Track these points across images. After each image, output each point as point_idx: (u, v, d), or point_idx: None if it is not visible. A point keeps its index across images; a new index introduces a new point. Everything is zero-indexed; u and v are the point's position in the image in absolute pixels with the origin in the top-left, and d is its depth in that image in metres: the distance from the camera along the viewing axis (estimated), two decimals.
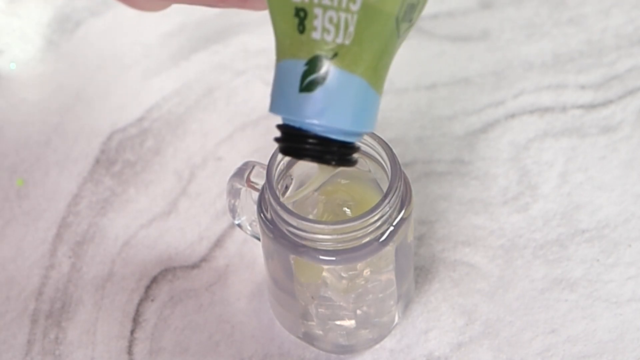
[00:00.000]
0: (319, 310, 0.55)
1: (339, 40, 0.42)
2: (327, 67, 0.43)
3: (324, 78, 0.43)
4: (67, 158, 0.65)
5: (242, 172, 0.55)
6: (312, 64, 0.43)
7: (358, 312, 0.55)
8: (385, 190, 0.51)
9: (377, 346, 0.57)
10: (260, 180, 0.54)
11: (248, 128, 0.66)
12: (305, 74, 0.43)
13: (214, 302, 0.59)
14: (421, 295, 0.59)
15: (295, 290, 0.54)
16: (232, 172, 0.56)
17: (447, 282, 0.59)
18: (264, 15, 0.72)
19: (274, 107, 0.44)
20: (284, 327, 0.58)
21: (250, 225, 0.57)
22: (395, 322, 0.57)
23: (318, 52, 0.43)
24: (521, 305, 0.58)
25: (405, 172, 0.53)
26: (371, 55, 0.43)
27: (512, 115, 0.66)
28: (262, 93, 0.68)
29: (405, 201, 0.53)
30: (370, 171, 0.54)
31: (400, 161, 0.52)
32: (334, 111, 0.43)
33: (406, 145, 0.65)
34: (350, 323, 0.55)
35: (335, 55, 0.43)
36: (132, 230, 0.62)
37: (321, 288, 0.54)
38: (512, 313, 0.58)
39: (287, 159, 0.53)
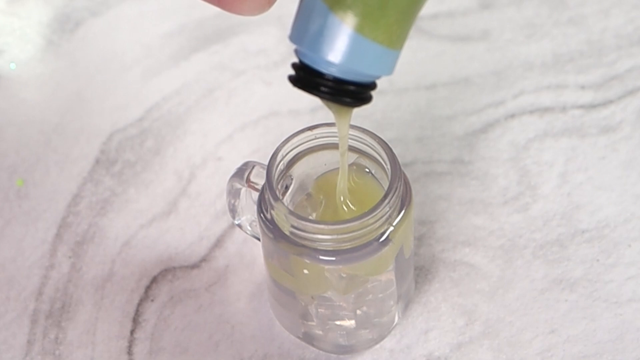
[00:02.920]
0: (319, 310, 0.55)
1: None
2: None
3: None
4: (67, 158, 0.65)
5: (242, 172, 0.55)
6: None
7: (358, 312, 0.55)
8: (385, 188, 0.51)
9: (377, 346, 0.57)
10: (260, 180, 0.54)
11: (248, 128, 0.66)
12: None
13: (214, 302, 0.59)
14: (421, 295, 0.59)
15: (295, 291, 0.54)
16: (232, 172, 0.56)
17: (447, 282, 0.59)
18: (264, 15, 0.72)
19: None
20: (284, 327, 0.58)
21: (250, 225, 0.57)
22: (395, 322, 0.57)
23: None
24: (521, 305, 0.58)
25: (405, 172, 0.53)
26: None
27: (512, 116, 0.66)
28: (262, 93, 0.68)
29: (405, 201, 0.53)
30: (369, 171, 0.54)
31: (400, 161, 0.52)
32: (296, 28, 0.44)
33: (406, 145, 0.65)
34: (350, 323, 0.55)
35: None
36: (132, 230, 0.62)
37: None
38: (512, 313, 0.58)
39: (287, 159, 0.53)
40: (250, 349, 0.58)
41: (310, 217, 0.53)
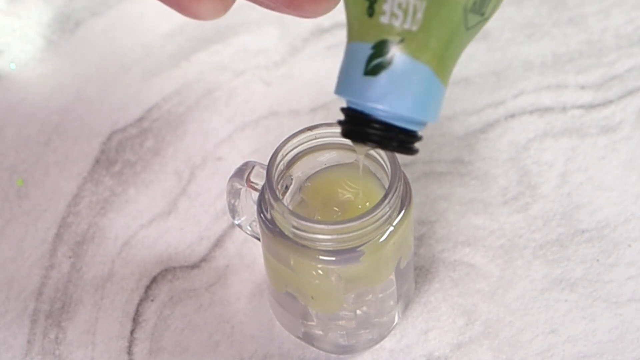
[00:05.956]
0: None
1: (407, 26, 0.42)
2: (392, 52, 0.43)
3: (389, 63, 0.43)
4: (67, 158, 0.65)
5: (242, 172, 0.55)
6: (378, 48, 0.43)
7: (358, 312, 0.55)
8: (385, 187, 0.51)
9: (377, 346, 0.57)
10: (260, 180, 0.54)
11: (248, 128, 0.66)
12: (371, 58, 0.43)
13: (214, 302, 0.59)
14: (421, 295, 0.59)
15: (295, 291, 0.54)
16: (232, 172, 0.56)
17: (447, 282, 0.59)
18: (264, 15, 0.72)
19: (339, 89, 0.44)
20: (284, 327, 0.58)
21: (250, 225, 0.57)
22: (395, 322, 0.57)
23: (385, 37, 0.43)
24: (521, 305, 0.58)
25: (405, 172, 0.53)
26: (437, 44, 0.43)
27: (512, 115, 0.66)
28: (262, 93, 0.68)
29: (405, 201, 0.53)
30: (370, 170, 0.54)
31: (400, 161, 0.52)
32: (397, 96, 0.43)
33: None
34: (350, 323, 0.55)
35: (402, 40, 0.43)
36: (132, 230, 0.62)
37: None
38: (512, 313, 0.58)
39: (287, 159, 0.53)
40: (250, 349, 0.58)
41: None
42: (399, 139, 0.44)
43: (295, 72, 0.69)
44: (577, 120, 0.66)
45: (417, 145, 0.45)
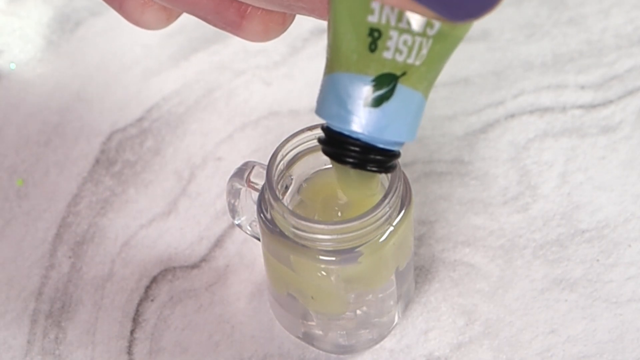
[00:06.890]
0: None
1: (410, 61, 0.44)
2: (394, 85, 0.44)
3: (390, 95, 0.44)
4: (67, 158, 0.65)
5: (242, 172, 0.55)
6: (380, 81, 0.44)
7: (358, 312, 0.55)
8: (385, 187, 0.51)
9: (377, 346, 0.57)
10: (260, 180, 0.54)
11: (248, 128, 0.66)
12: (372, 90, 0.44)
13: (214, 302, 0.59)
14: (421, 295, 0.59)
15: (295, 291, 0.54)
16: (232, 172, 0.56)
17: (447, 282, 0.59)
18: None
19: (331, 118, 0.45)
20: (284, 327, 0.58)
21: (250, 225, 0.57)
22: (395, 322, 0.57)
23: (387, 71, 0.44)
24: (521, 305, 0.58)
25: (405, 172, 0.53)
26: (434, 74, 0.44)
27: (512, 116, 0.66)
28: (262, 93, 0.68)
29: (405, 201, 0.53)
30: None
31: (400, 161, 0.52)
32: (396, 126, 0.44)
33: (406, 145, 0.65)
34: (350, 323, 0.55)
35: (403, 74, 0.44)
36: (132, 230, 0.62)
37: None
38: (512, 313, 0.58)
39: (287, 159, 0.53)
40: (250, 349, 0.58)
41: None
42: (388, 162, 0.46)
43: (295, 72, 0.69)
44: (577, 120, 0.66)
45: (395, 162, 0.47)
